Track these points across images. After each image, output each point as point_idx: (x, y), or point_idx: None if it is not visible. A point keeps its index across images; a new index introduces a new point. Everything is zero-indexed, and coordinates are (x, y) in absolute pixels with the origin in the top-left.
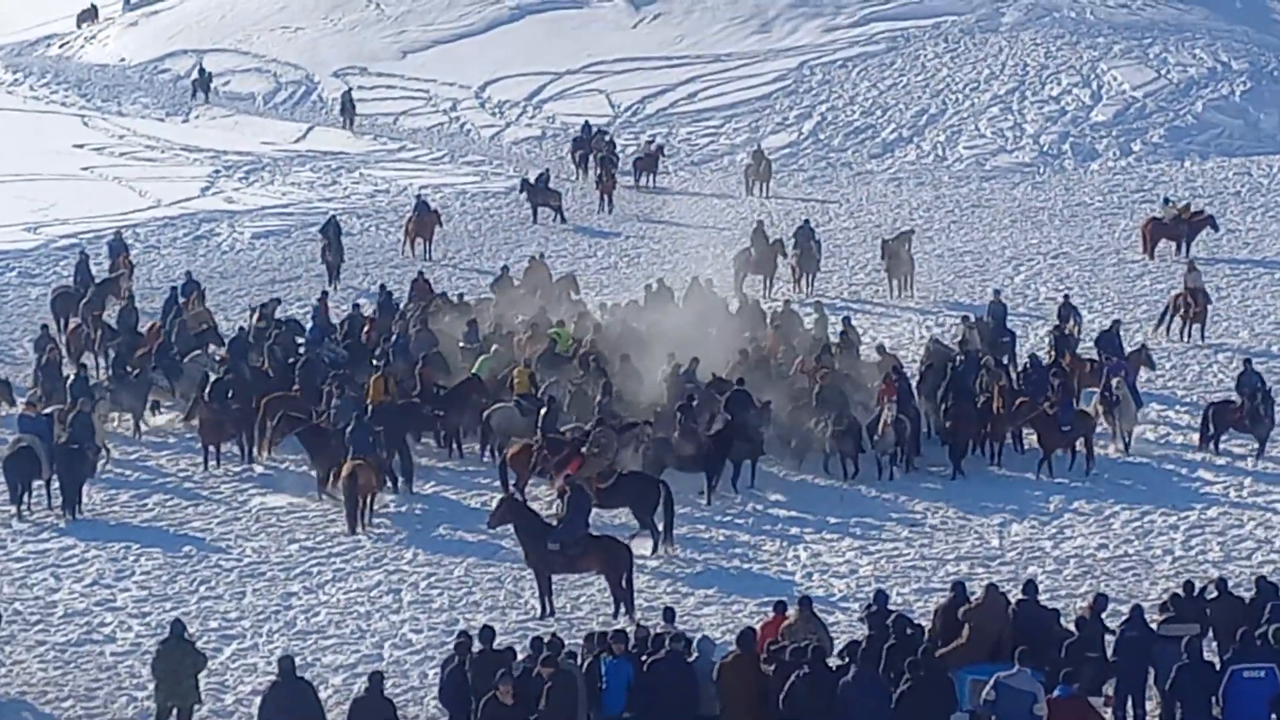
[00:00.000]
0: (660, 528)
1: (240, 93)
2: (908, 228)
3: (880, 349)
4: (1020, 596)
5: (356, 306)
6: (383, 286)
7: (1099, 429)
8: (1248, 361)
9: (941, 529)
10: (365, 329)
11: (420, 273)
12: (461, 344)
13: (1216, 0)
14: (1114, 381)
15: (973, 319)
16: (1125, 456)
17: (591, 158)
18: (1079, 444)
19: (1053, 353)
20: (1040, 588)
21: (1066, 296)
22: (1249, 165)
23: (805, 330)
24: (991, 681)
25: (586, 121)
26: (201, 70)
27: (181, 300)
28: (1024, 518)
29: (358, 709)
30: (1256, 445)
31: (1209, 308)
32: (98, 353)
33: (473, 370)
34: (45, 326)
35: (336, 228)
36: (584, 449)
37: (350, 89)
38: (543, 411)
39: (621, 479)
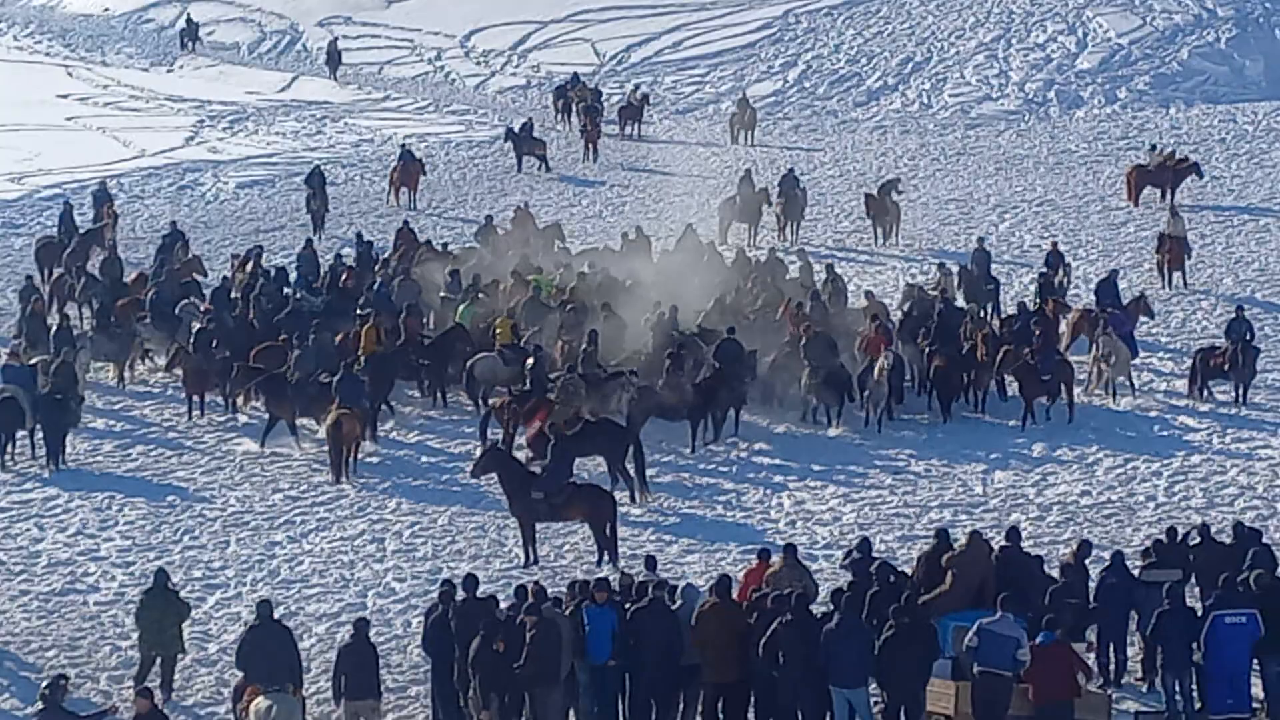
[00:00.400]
0: (632, 474)
1: (224, 42)
2: (893, 176)
3: (868, 295)
4: (1003, 543)
5: (339, 257)
6: (360, 235)
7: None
8: (1240, 309)
9: (925, 476)
10: (344, 278)
11: (405, 222)
12: (443, 294)
13: None
14: (1106, 330)
15: (949, 266)
16: (1109, 404)
17: (575, 107)
18: (1063, 392)
19: (1037, 300)
20: (1023, 535)
21: (1054, 244)
22: (1234, 112)
23: (791, 279)
24: (974, 627)
25: (575, 73)
26: (189, 20)
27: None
28: (1007, 465)
29: (344, 655)
30: (1237, 392)
31: (1185, 258)
32: (81, 303)
33: (455, 319)
34: (29, 277)
35: (321, 177)
36: (552, 397)
37: (336, 38)
38: (529, 361)
39: (589, 426)
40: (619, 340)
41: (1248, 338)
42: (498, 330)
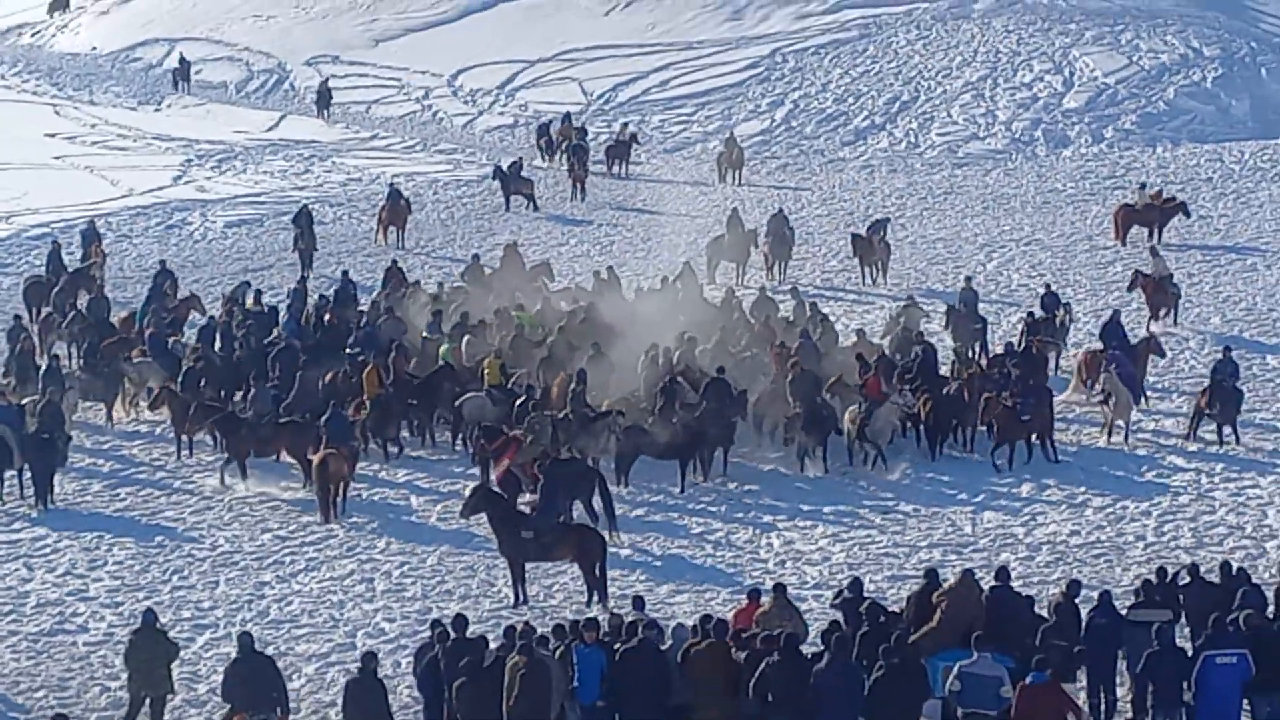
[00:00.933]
0: (600, 512)
1: (212, 81)
2: (882, 216)
3: (859, 333)
4: (993, 583)
5: (323, 297)
6: (345, 273)
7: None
8: (1226, 349)
9: (914, 516)
10: (328, 317)
11: (394, 261)
12: (424, 334)
13: None
14: (1107, 369)
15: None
16: (1099, 442)
17: (562, 145)
18: (1039, 434)
19: (1022, 341)
20: (1013, 574)
21: (1048, 285)
22: (1220, 151)
23: (782, 317)
24: (955, 670)
25: (567, 113)
26: (182, 60)
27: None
28: (996, 505)
29: (352, 690)
30: (1220, 432)
31: (1166, 296)
32: (68, 342)
33: (440, 358)
34: (18, 316)
35: (309, 216)
36: (519, 436)
37: (327, 79)
38: (518, 401)
39: (556, 464)
40: (608, 380)
41: (1231, 378)
42: (486, 370)
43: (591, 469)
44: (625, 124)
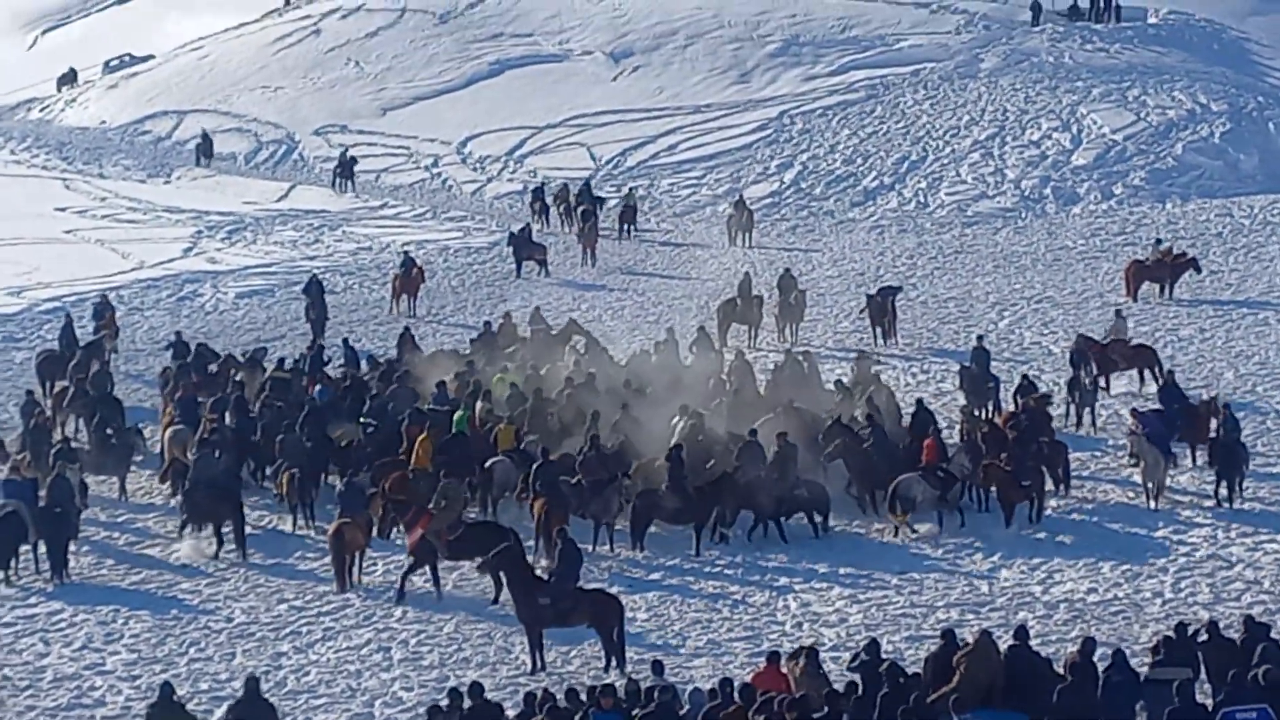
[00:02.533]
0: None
1: (221, 153)
2: (896, 284)
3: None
4: (1012, 642)
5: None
6: (345, 340)
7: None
8: (1224, 406)
9: (931, 576)
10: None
11: (406, 328)
12: (429, 406)
13: (1194, 42)
14: (1133, 433)
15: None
16: (1117, 499)
17: (571, 210)
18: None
19: (1016, 401)
20: (1031, 633)
21: (1078, 338)
22: (1230, 206)
23: (805, 377)
24: None
25: (564, 183)
26: (205, 135)
27: (175, 362)
28: (1013, 563)
29: None
30: (1217, 488)
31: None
32: (77, 415)
33: (455, 426)
34: (30, 391)
35: (319, 286)
36: (430, 504)
37: (348, 148)
38: (535, 465)
39: (470, 529)
40: (637, 443)
41: (1232, 434)
42: (499, 436)
43: (507, 531)
44: (631, 190)
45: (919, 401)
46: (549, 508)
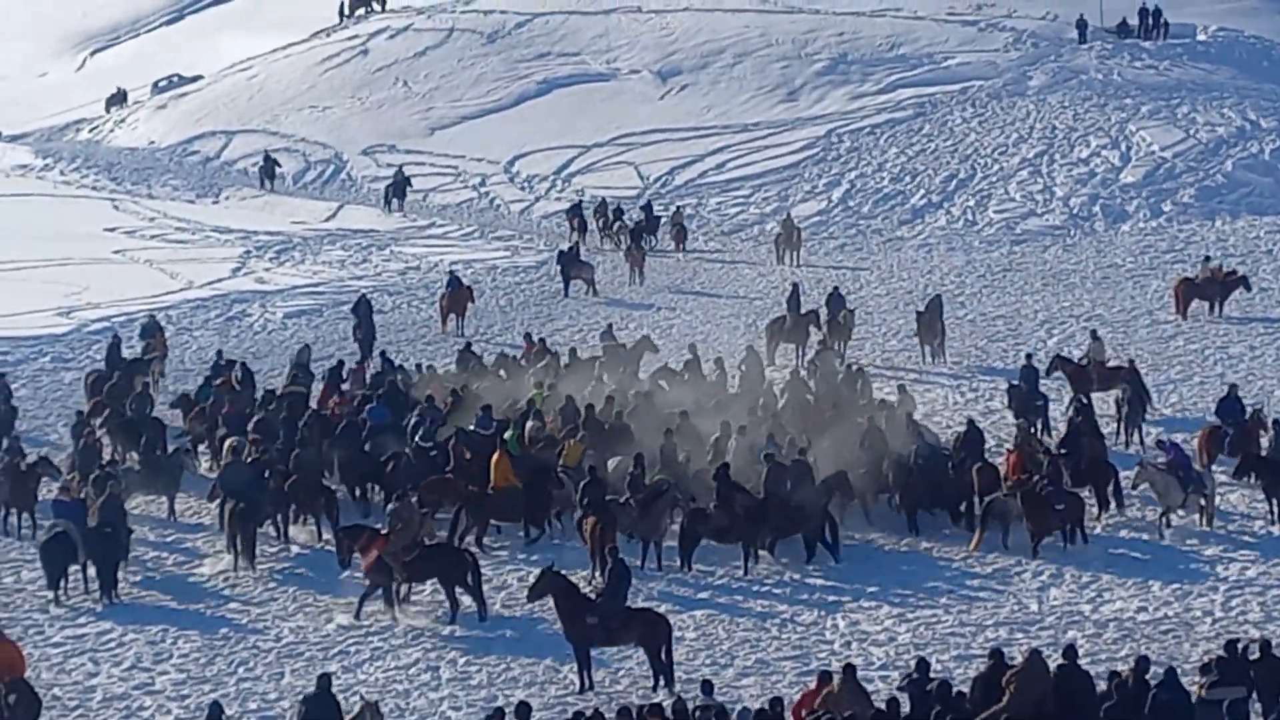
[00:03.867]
0: (470, 599)
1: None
2: (936, 293)
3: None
4: (1061, 661)
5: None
6: (383, 353)
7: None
8: (1276, 423)
9: (980, 594)
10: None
11: (468, 344)
12: (471, 428)
13: (1244, 59)
14: (1144, 464)
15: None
16: (1162, 517)
17: (600, 226)
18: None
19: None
20: (1080, 652)
21: (1130, 361)
22: None
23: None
24: None
25: (603, 198)
26: (267, 157)
27: (218, 381)
28: (1062, 582)
29: None
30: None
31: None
32: (112, 435)
33: (505, 445)
34: (81, 412)
35: (367, 306)
36: (385, 528)
37: (401, 167)
38: (584, 483)
39: (426, 551)
40: (690, 461)
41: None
42: (567, 452)
43: (463, 553)
44: (679, 208)
45: (969, 421)
46: (600, 526)
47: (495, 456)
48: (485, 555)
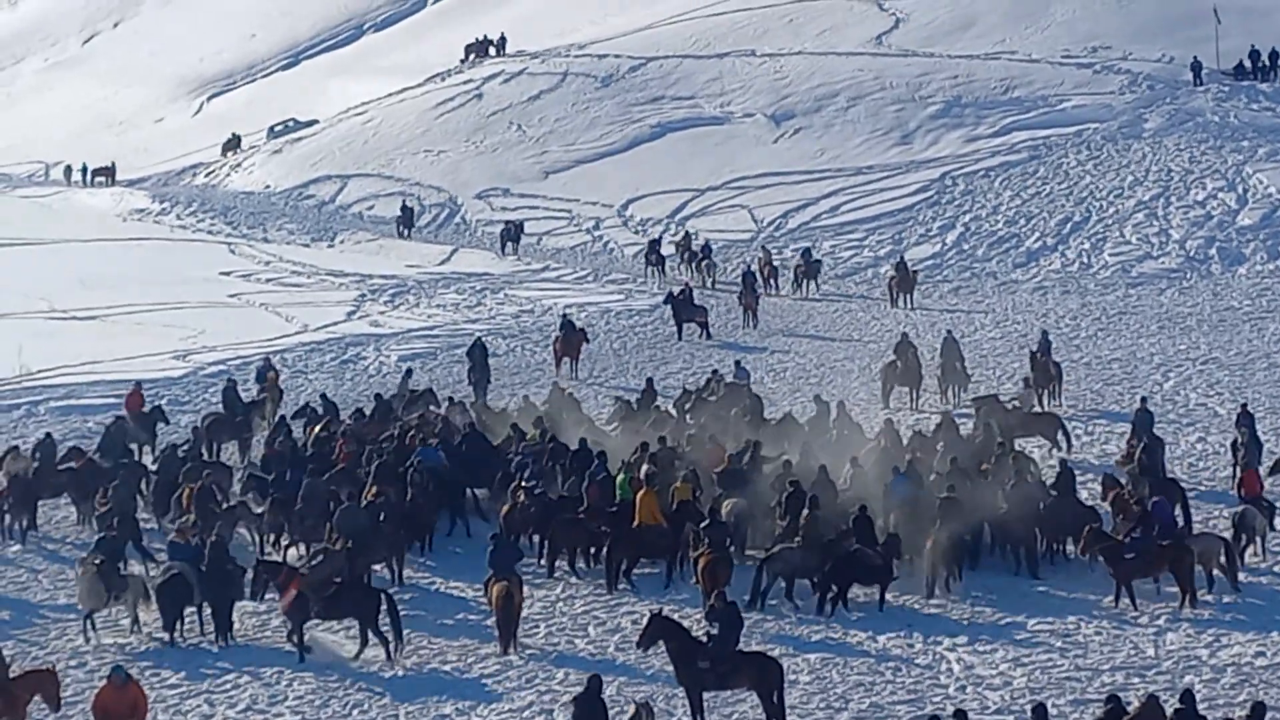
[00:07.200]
0: (388, 635)
1: (384, 217)
2: (1043, 330)
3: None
4: (1178, 706)
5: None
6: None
7: None
8: None
9: (1096, 639)
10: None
11: (651, 379)
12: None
13: None
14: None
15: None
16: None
17: (694, 259)
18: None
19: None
20: (1198, 698)
21: (1244, 406)
22: None
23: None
24: None
25: (687, 232)
26: (404, 206)
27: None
28: (1178, 626)
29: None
30: None
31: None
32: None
33: (618, 489)
34: (200, 454)
35: (483, 349)
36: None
37: (517, 211)
38: (704, 525)
39: (342, 589)
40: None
41: None
42: (676, 493)
43: (378, 592)
44: (807, 250)
45: (1062, 461)
46: (712, 567)
47: (641, 494)
48: (590, 600)
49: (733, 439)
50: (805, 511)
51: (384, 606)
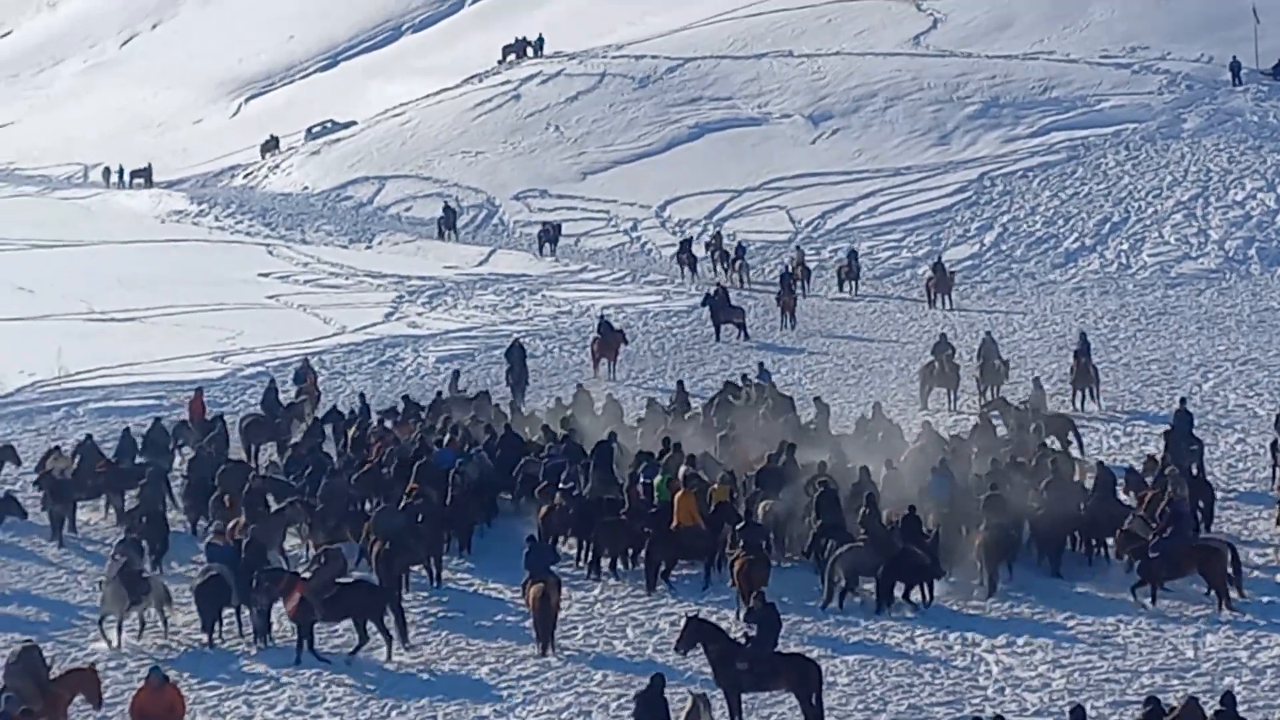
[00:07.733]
0: (392, 631)
1: (422, 218)
2: (1082, 331)
3: (1099, 464)
4: (1218, 708)
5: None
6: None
7: None
8: None
9: (1134, 640)
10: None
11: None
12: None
13: None
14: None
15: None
16: None
17: (726, 258)
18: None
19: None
20: (1238, 700)
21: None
22: None
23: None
24: None
25: (718, 231)
26: (447, 208)
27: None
28: (1218, 627)
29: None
30: None
31: None
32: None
33: (655, 491)
34: (241, 461)
35: (521, 350)
36: (303, 573)
37: (555, 212)
38: (740, 526)
39: (344, 589)
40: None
41: None
42: (713, 495)
43: (381, 590)
44: (852, 250)
45: (1100, 463)
46: (749, 568)
47: (679, 496)
48: (628, 602)
49: (761, 440)
50: (864, 510)
51: (387, 605)
